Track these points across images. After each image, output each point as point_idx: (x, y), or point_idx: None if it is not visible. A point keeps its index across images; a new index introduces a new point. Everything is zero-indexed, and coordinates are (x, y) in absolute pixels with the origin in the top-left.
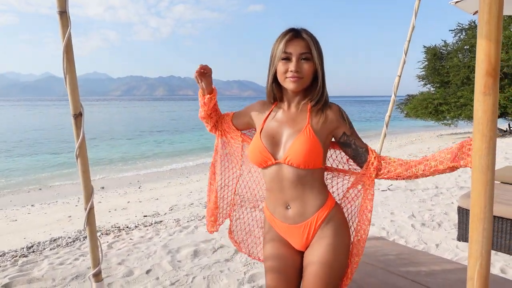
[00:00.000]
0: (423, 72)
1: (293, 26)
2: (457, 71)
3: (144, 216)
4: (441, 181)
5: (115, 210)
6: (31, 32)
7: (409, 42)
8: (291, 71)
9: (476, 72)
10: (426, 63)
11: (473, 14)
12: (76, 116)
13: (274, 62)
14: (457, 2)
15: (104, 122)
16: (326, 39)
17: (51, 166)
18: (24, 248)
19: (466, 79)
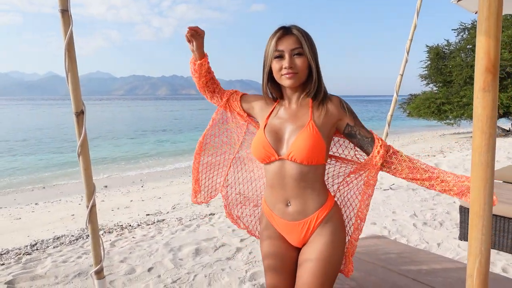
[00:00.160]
0: (426, 72)
1: (284, 24)
2: (460, 71)
3: (147, 215)
4: None
5: (118, 209)
6: (35, 32)
7: (411, 41)
8: (285, 68)
9: (476, 69)
10: (429, 63)
11: (475, 13)
12: (78, 114)
13: (267, 62)
14: (459, 1)
15: (108, 122)
16: (328, 38)
17: (55, 165)
18: (28, 246)
19: (469, 79)
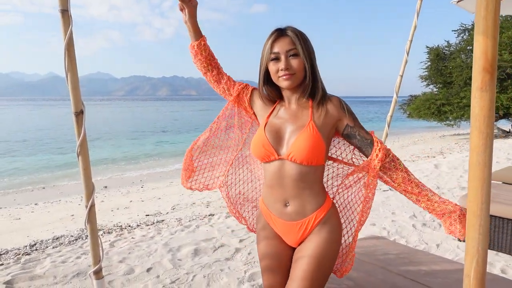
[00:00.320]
0: (426, 73)
1: (280, 26)
2: (460, 72)
3: (146, 215)
4: (443, 182)
5: (118, 209)
6: (35, 32)
7: (411, 42)
8: (282, 70)
9: (473, 69)
10: (429, 64)
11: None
12: (77, 114)
13: (263, 64)
14: (459, 2)
15: (108, 122)
16: (328, 38)
17: (55, 166)
18: (27, 246)
19: (469, 80)
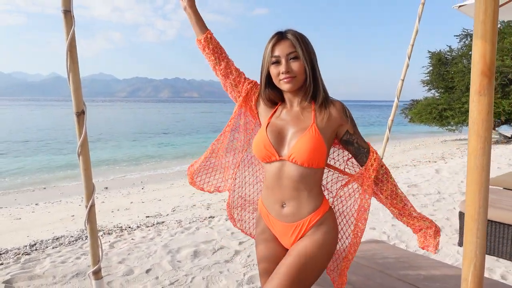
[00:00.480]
0: (428, 77)
1: (281, 29)
2: (462, 77)
3: (147, 217)
4: (444, 187)
5: (118, 210)
6: (38, 32)
7: (413, 46)
8: (283, 73)
9: (472, 72)
10: (431, 68)
11: None
12: (79, 114)
13: (265, 67)
14: (461, 7)
15: (110, 123)
16: (329, 42)
17: (56, 166)
18: (27, 246)
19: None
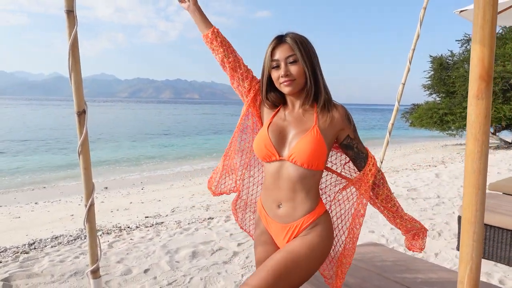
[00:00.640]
0: (429, 82)
1: (282, 32)
2: (463, 82)
3: (146, 217)
4: (443, 191)
5: (117, 210)
6: (41, 32)
7: (414, 51)
8: (282, 76)
9: (470, 76)
10: (432, 73)
11: None
12: (80, 114)
13: (266, 72)
14: (462, 12)
15: (111, 124)
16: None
17: (57, 166)
18: (26, 245)
19: None
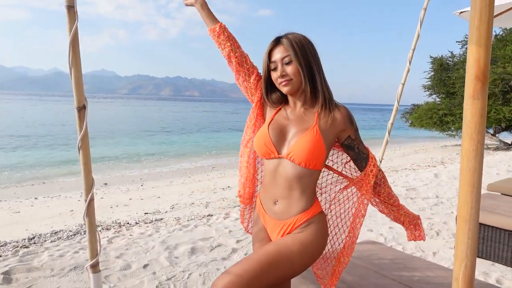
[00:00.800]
0: (429, 82)
1: (279, 34)
2: (463, 83)
3: (145, 213)
4: (442, 191)
5: (117, 206)
6: (41, 28)
7: (414, 51)
8: (279, 77)
9: (466, 77)
10: (432, 74)
11: None
12: (80, 109)
13: (265, 73)
14: (461, 13)
15: (111, 120)
16: (333, 43)
17: (57, 161)
18: (26, 239)
19: None
